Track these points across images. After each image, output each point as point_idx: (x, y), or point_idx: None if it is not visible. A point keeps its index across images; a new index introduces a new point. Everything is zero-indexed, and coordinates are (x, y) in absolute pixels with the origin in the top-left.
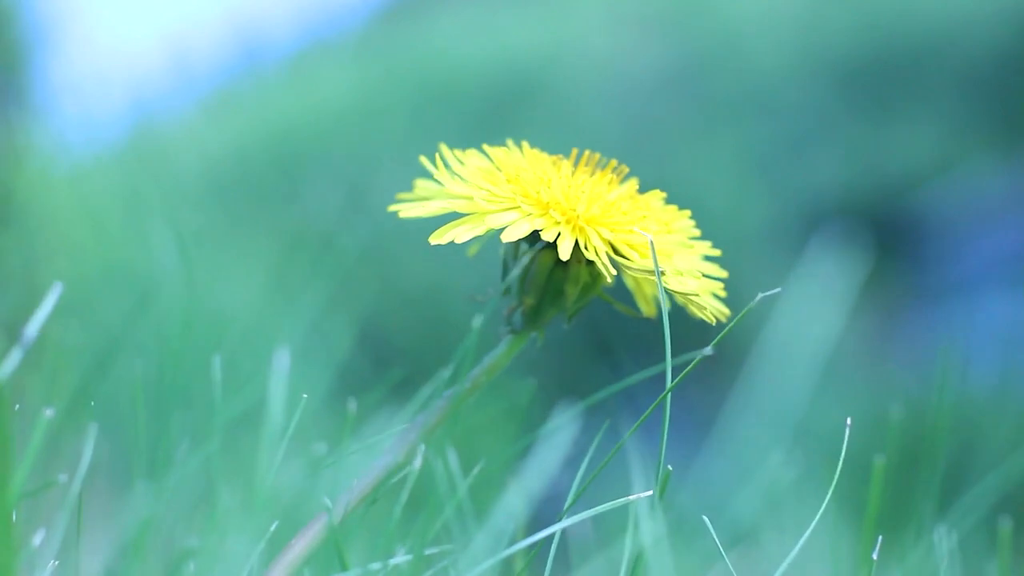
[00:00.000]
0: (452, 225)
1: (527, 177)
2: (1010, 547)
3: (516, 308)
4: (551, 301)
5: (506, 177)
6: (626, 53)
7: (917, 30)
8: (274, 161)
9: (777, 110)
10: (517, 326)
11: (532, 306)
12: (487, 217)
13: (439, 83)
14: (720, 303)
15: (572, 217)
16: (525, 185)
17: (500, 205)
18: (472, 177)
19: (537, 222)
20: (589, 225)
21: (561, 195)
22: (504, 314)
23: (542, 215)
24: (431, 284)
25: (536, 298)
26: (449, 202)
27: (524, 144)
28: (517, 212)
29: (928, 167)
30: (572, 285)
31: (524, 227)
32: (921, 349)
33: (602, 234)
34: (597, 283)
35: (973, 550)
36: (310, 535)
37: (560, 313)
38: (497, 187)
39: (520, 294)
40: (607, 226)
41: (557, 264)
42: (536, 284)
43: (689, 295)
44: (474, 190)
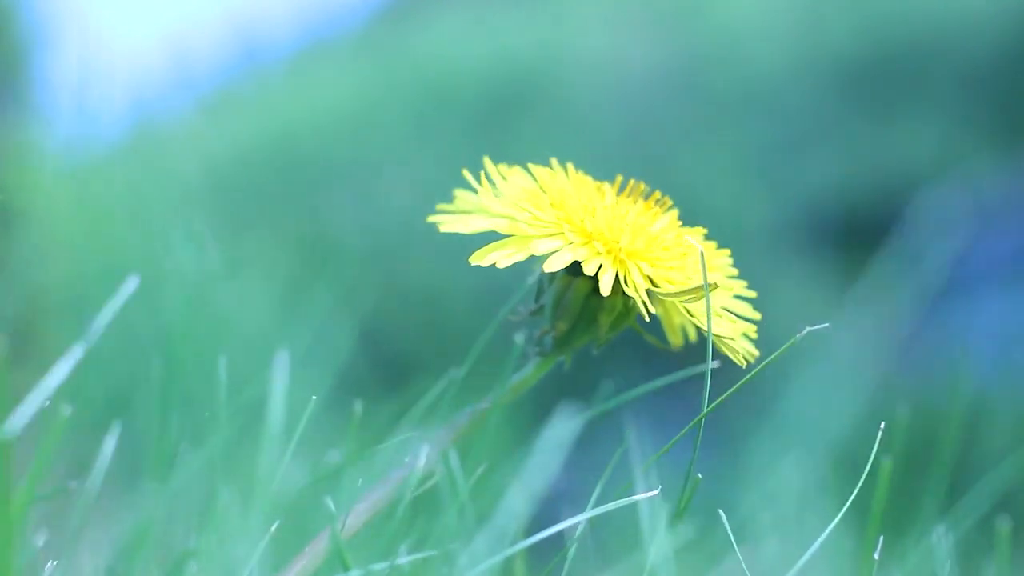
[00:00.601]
0: (494, 247)
1: (572, 203)
2: (1009, 547)
3: (548, 332)
4: (584, 328)
5: (550, 201)
6: (626, 53)
7: (917, 30)
8: (274, 161)
9: (777, 110)
10: (547, 349)
11: (564, 332)
12: (531, 243)
13: (439, 83)
14: (751, 344)
15: (614, 249)
16: (570, 212)
17: (543, 231)
18: (516, 197)
19: (580, 252)
20: (630, 259)
21: (605, 226)
22: (535, 335)
23: (584, 244)
24: (432, 286)
25: (569, 324)
26: (491, 221)
27: (570, 166)
28: (560, 240)
29: (928, 167)
30: (606, 315)
31: (567, 257)
32: (921, 349)
33: (643, 269)
34: (631, 314)
35: (973, 550)
36: (317, 549)
37: (592, 340)
38: (541, 211)
39: (553, 318)
40: (648, 261)
41: (593, 293)
42: (570, 311)
43: (724, 338)
44: (517, 211)
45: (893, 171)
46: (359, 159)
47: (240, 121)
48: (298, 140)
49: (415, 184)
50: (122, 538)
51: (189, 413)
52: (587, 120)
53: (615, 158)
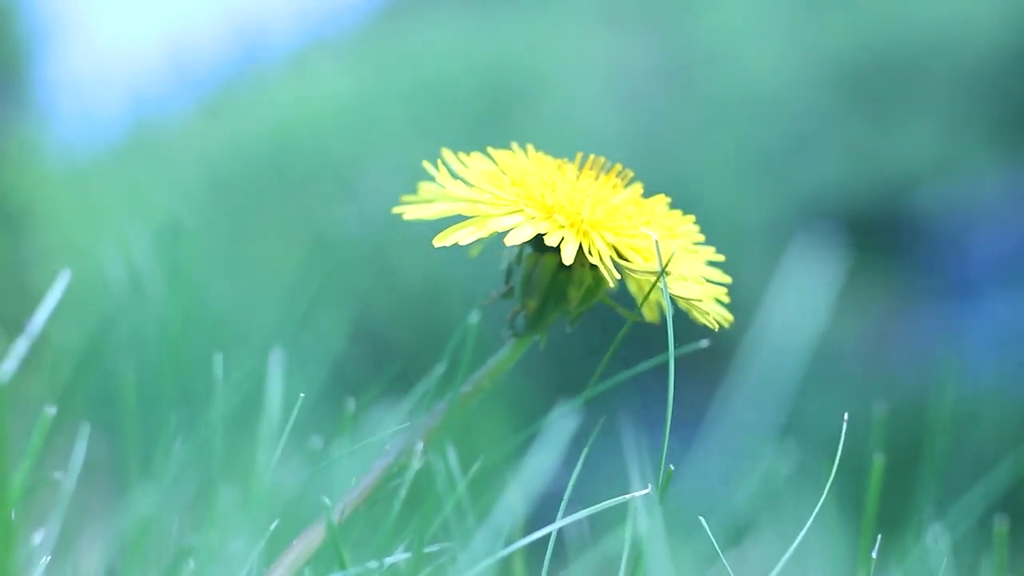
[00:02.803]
0: (456, 228)
1: (531, 180)
2: (1005, 546)
3: (519, 311)
4: (554, 304)
5: (511, 180)
6: (624, 53)
7: (917, 30)
8: (273, 160)
9: (777, 110)
10: (520, 329)
11: (535, 309)
12: (490, 220)
13: (437, 82)
14: (723, 308)
15: (576, 221)
16: (529, 188)
17: (504, 208)
18: (476, 180)
19: (541, 226)
20: (593, 229)
21: (565, 199)
22: (507, 317)
23: (546, 218)
24: (428, 281)
25: (539, 301)
26: (452, 204)
27: (529, 147)
28: (521, 215)
29: (928, 167)
30: (575, 289)
31: (528, 230)
32: (921, 349)
33: (606, 238)
34: (600, 287)
35: (971, 549)
36: (310, 537)
37: (563, 316)
38: (501, 190)
39: (523, 297)
40: (611, 230)
41: (560, 268)
42: (539, 287)
43: (692, 300)
44: (478, 193)
45: (893, 171)
46: (357, 158)
47: (239, 120)
48: (297, 139)
49: (413, 183)
50: (120, 536)
51: (187, 410)
52: (586, 120)
53: (613, 158)
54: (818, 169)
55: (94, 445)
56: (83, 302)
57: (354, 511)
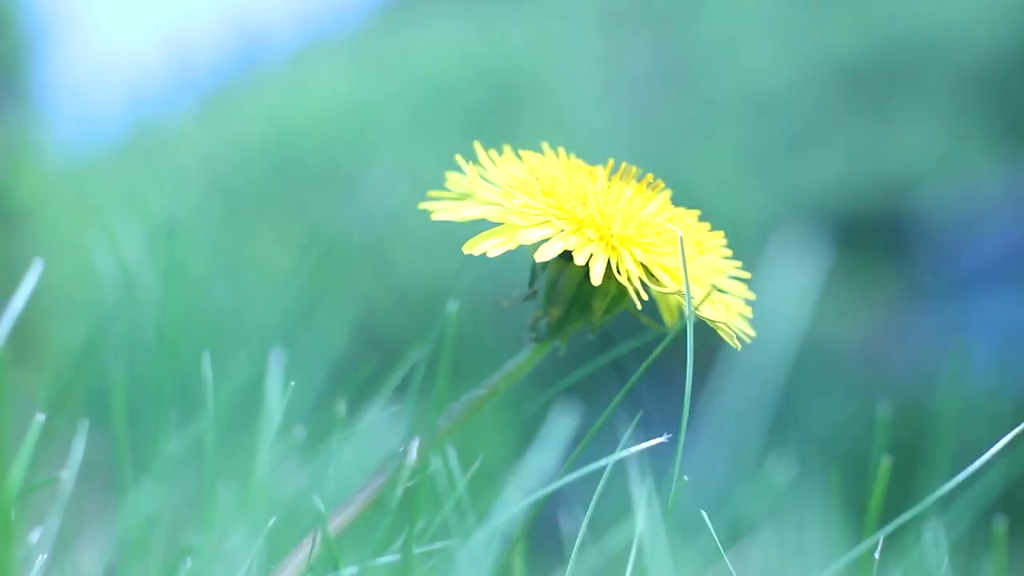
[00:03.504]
0: (484, 236)
1: (562, 191)
2: (1005, 545)
3: (541, 318)
4: (578, 314)
5: (541, 188)
6: (624, 53)
7: (916, 30)
8: (272, 160)
9: (776, 110)
10: (542, 336)
11: (558, 318)
12: (519, 232)
13: (437, 82)
14: (747, 324)
15: (606, 236)
16: (560, 199)
17: (534, 220)
18: (506, 184)
19: (570, 241)
20: (622, 245)
21: (596, 211)
22: (528, 322)
23: (575, 232)
24: (428, 280)
25: (563, 310)
26: (482, 209)
27: (561, 151)
28: (550, 228)
29: (928, 167)
30: (600, 300)
31: (557, 246)
32: (921, 348)
33: (635, 255)
34: (625, 297)
35: (970, 549)
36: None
37: (586, 325)
38: (532, 199)
39: (546, 304)
40: (640, 247)
41: (586, 278)
42: (564, 296)
43: (719, 322)
44: (507, 199)
45: (892, 171)
46: (357, 158)
47: (239, 120)
48: (296, 139)
49: (413, 182)
50: (119, 534)
51: (185, 409)
52: (586, 119)
53: (613, 157)
54: (818, 169)
55: (93, 443)
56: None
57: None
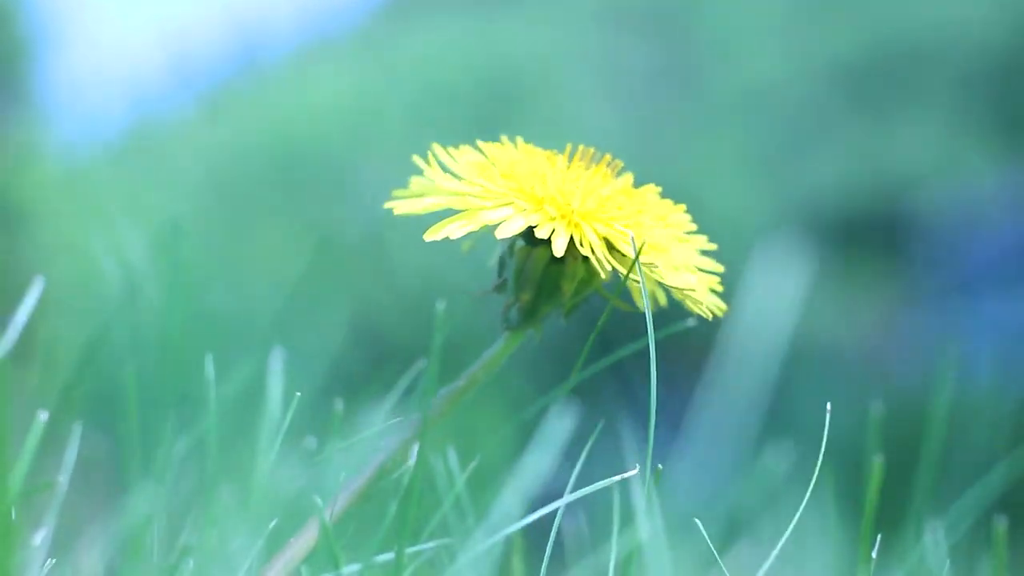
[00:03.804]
0: (446, 222)
1: (521, 172)
2: (1005, 546)
3: (512, 304)
4: (547, 297)
5: (500, 172)
6: (623, 52)
7: (916, 30)
8: (272, 159)
9: (777, 110)
10: (514, 323)
11: (528, 302)
12: (481, 213)
13: (436, 82)
14: (717, 298)
15: (567, 212)
16: (520, 180)
17: (494, 201)
18: (466, 173)
19: (532, 218)
20: (584, 220)
21: (556, 190)
22: (501, 311)
23: (537, 211)
24: (426, 279)
25: (532, 294)
26: (443, 198)
27: (519, 139)
28: (511, 208)
29: (928, 167)
30: (568, 281)
31: (518, 223)
32: (920, 348)
33: (597, 229)
34: (593, 278)
35: (970, 549)
36: (306, 537)
37: (557, 309)
38: (491, 182)
39: (516, 290)
40: (602, 221)
41: (552, 260)
42: (531, 280)
43: (686, 290)
44: (468, 186)
45: (892, 171)
46: (357, 157)
47: (239, 120)
48: (296, 138)
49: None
50: (119, 535)
51: (185, 410)
52: (585, 120)
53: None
54: (817, 169)
55: (93, 445)
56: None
57: (348, 510)
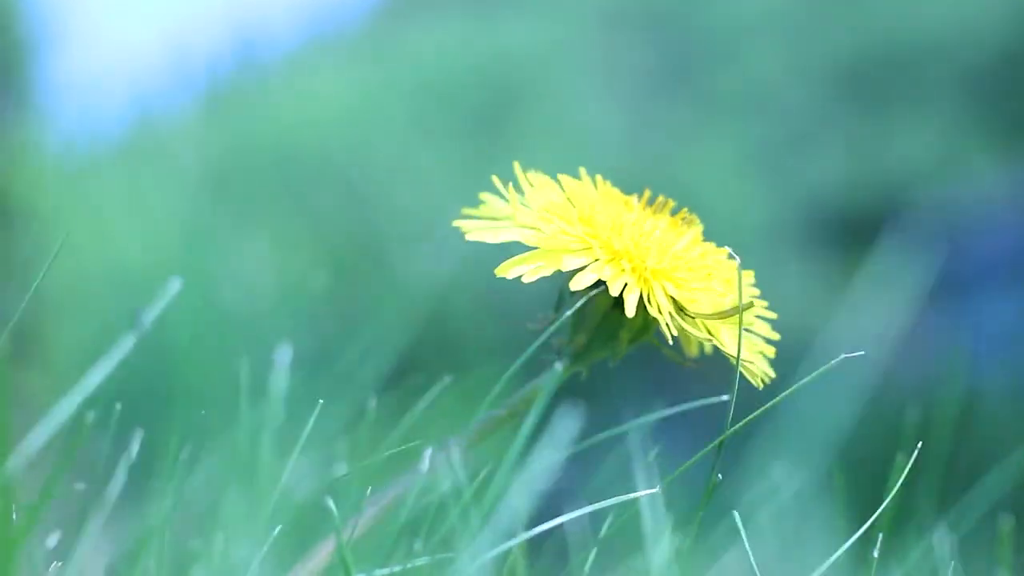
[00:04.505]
0: (521, 260)
1: (599, 219)
2: (1010, 545)
3: (567, 343)
4: (602, 342)
5: (579, 215)
6: (623, 51)
7: (917, 29)
8: (273, 158)
9: (777, 109)
10: (566, 361)
11: (584, 345)
12: (558, 258)
13: (436, 82)
14: (767, 365)
15: (640, 268)
16: (597, 227)
17: (571, 246)
18: (544, 208)
19: (607, 271)
20: (655, 279)
21: (632, 243)
22: (553, 346)
23: (611, 262)
24: (433, 283)
25: (588, 338)
26: (519, 232)
27: (598, 178)
28: (588, 256)
29: (928, 166)
30: (626, 331)
31: (591, 276)
32: (922, 347)
33: (667, 290)
34: (649, 328)
35: (974, 548)
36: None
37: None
38: (569, 225)
39: (573, 331)
40: (673, 282)
41: (614, 308)
42: (590, 325)
43: (743, 360)
44: (545, 224)
45: (893, 170)
46: (358, 156)
47: (240, 119)
48: (297, 138)
49: (413, 181)
50: (127, 540)
51: (195, 414)
52: (586, 118)
53: (614, 157)
54: (818, 168)
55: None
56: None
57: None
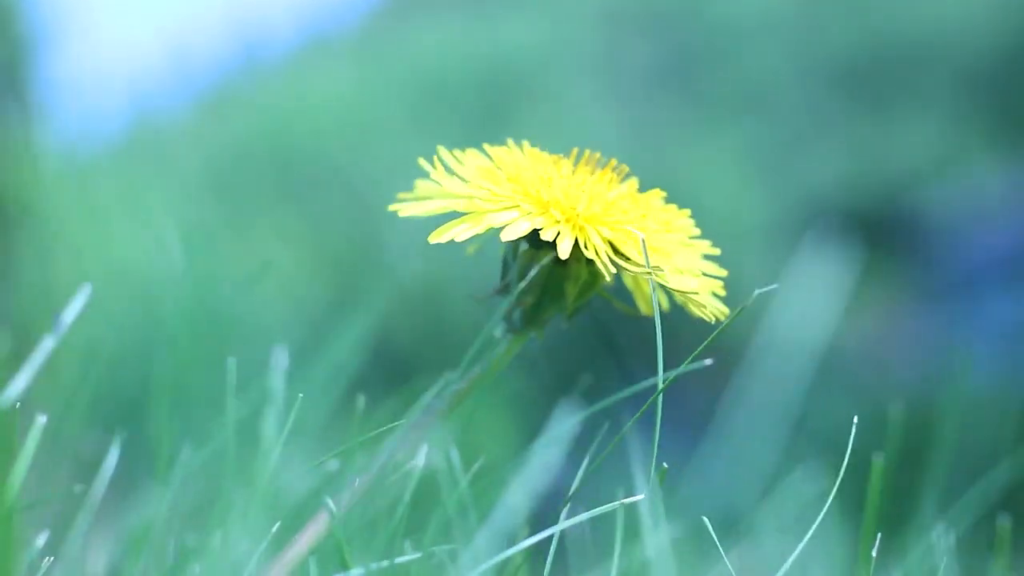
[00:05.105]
0: (452, 224)
1: (527, 176)
2: (1009, 545)
3: (516, 307)
4: (550, 300)
5: (506, 176)
6: (623, 50)
7: (917, 28)
8: (273, 158)
9: (776, 108)
10: (517, 325)
11: (531, 305)
12: (486, 216)
13: (436, 81)
14: (719, 302)
15: (572, 216)
16: (525, 184)
17: (500, 204)
18: (472, 176)
19: (537, 221)
20: (589, 224)
21: (561, 194)
22: (504, 313)
23: (542, 213)
24: (430, 281)
25: (535, 297)
26: (448, 201)
27: (525, 143)
28: (517, 211)
29: (928, 166)
30: (571, 284)
31: (524, 225)
32: (922, 347)
33: (602, 233)
34: (597, 281)
35: (973, 548)
36: (311, 533)
37: (560, 312)
38: (497, 186)
39: (519, 294)
40: (607, 225)
41: (556, 263)
42: (535, 283)
43: (688, 293)
44: (474, 189)
45: (893, 169)
46: (358, 156)
47: (239, 118)
48: (297, 137)
49: (414, 180)
50: (124, 537)
51: (191, 412)
52: (585, 117)
53: (613, 156)
54: (818, 168)
55: (99, 446)
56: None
57: (355, 510)
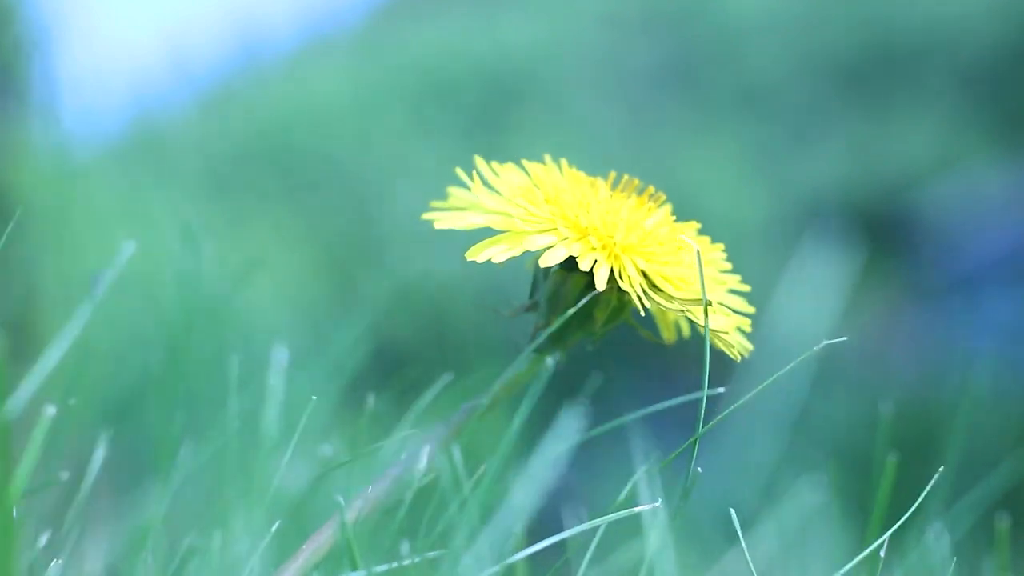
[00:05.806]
0: (489, 243)
1: (566, 199)
2: (1008, 545)
3: (542, 327)
4: (579, 324)
5: (544, 197)
6: (624, 50)
7: (917, 27)
8: (273, 158)
9: (776, 108)
10: (542, 345)
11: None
12: (525, 238)
13: (437, 80)
14: (745, 339)
15: (609, 244)
16: (564, 207)
17: (538, 226)
18: (509, 193)
19: (575, 247)
20: (625, 254)
21: (599, 220)
22: (530, 331)
23: (579, 239)
24: (433, 281)
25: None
26: (485, 217)
27: (563, 162)
28: (555, 235)
29: (928, 165)
30: (601, 310)
31: (562, 252)
32: (922, 347)
33: (637, 264)
34: (625, 308)
35: (973, 548)
36: (321, 540)
37: (587, 336)
38: (535, 206)
39: (547, 314)
40: (643, 256)
41: (588, 287)
42: (565, 306)
43: (719, 332)
44: (511, 207)
45: (893, 169)
46: (358, 155)
47: (239, 118)
48: (297, 136)
49: (414, 180)
50: (125, 536)
51: (192, 411)
52: (586, 117)
53: (614, 156)
54: (818, 167)
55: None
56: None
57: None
